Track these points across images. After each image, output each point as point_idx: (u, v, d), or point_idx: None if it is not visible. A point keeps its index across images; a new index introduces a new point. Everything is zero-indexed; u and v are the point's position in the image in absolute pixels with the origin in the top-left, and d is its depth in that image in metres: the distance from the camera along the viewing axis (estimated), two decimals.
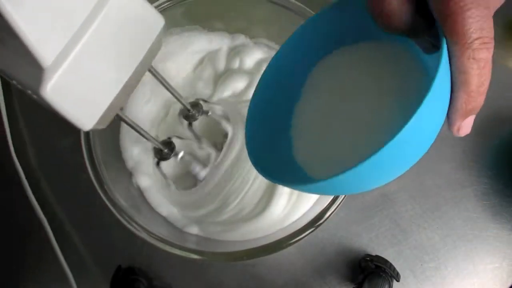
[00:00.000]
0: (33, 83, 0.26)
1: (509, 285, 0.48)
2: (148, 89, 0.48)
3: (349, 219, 0.49)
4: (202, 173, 0.45)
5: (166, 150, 0.42)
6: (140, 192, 0.46)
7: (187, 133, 0.45)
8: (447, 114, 0.27)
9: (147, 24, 0.30)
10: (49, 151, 0.52)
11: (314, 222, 0.39)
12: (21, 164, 0.50)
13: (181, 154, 0.43)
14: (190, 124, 0.45)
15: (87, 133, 0.41)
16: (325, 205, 0.39)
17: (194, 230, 0.45)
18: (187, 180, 0.46)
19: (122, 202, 0.40)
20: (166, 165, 0.44)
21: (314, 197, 0.44)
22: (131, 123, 0.36)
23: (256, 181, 0.44)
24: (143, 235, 0.39)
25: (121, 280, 0.46)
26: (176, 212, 0.46)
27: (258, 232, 0.43)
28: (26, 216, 0.49)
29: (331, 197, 0.39)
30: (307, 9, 0.43)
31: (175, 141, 0.43)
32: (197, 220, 0.45)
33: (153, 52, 0.31)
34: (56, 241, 0.48)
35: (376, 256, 0.47)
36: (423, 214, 0.50)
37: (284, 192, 0.44)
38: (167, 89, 0.39)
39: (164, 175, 0.45)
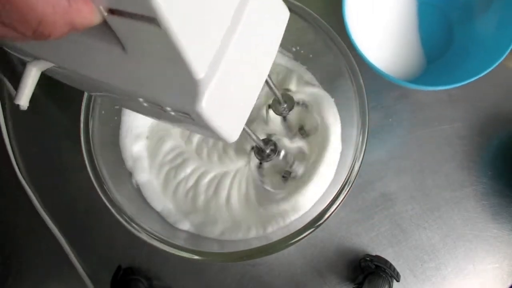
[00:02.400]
0: (182, 100, 0.24)
1: (509, 285, 0.48)
2: None
3: (349, 219, 0.50)
4: (300, 169, 0.46)
5: (268, 151, 0.43)
6: (140, 192, 0.46)
7: (276, 127, 0.46)
8: None
9: (278, 17, 0.28)
10: (49, 152, 0.53)
11: (314, 222, 0.39)
12: (20, 165, 0.50)
13: (283, 153, 0.44)
14: (284, 119, 0.46)
15: (86, 134, 0.41)
16: (325, 205, 0.39)
17: (185, 226, 0.45)
18: (275, 178, 0.47)
19: (122, 202, 0.40)
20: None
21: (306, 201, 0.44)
22: (248, 130, 0.36)
23: None
24: (143, 235, 0.39)
25: (121, 280, 0.46)
26: (172, 207, 0.46)
27: None
28: (27, 216, 0.49)
29: (331, 197, 0.39)
30: (307, 9, 0.43)
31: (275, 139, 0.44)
32: (191, 219, 0.46)
33: None
34: (56, 242, 0.48)
35: (376, 256, 0.47)
36: (423, 214, 0.50)
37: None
38: (267, 83, 0.38)
39: (262, 176, 0.46)
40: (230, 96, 0.25)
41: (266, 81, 0.38)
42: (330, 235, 0.49)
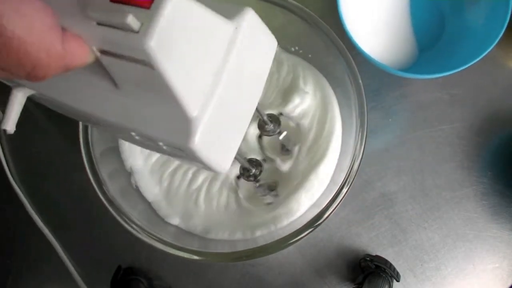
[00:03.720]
0: (176, 136, 0.24)
1: (509, 285, 0.48)
2: None
3: (349, 219, 0.50)
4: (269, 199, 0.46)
5: (254, 171, 0.43)
6: (139, 193, 0.46)
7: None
8: None
9: (266, 48, 0.29)
10: (48, 152, 0.53)
11: (313, 222, 0.39)
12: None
13: (258, 184, 0.44)
14: (280, 135, 0.45)
15: (85, 135, 0.41)
16: (325, 205, 0.39)
17: (174, 221, 0.46)
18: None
19: (121, 203, 0.40)
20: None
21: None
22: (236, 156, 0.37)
23: None
24: (143, 236, 0.39)
25: (121, 280, 0.46)
26: (163, 200, 0.46)
27: None
28: (27, 216, 0.49)
29: (330, 197, 0.39)
30: (305, 9, 0.43)
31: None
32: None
33: None
34: (57, 241, 0.49)
35: (376, 256, 0.47)
36: (423, 214, 0.50)
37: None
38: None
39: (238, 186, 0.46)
40: (221, 131, 0.26)
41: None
42: (330, 235, 0.49)
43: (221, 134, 0.26)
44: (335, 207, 0.39)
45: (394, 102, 0.53)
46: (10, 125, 0.25)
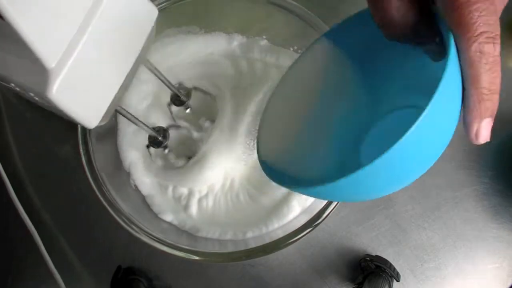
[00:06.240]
0: (38, 86, 0.26)
1: (509, 285, 0.48)
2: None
3: (349, 219, 0.49)
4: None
5: (160, 138, 0.44)
6: (139, 192, 0.46)
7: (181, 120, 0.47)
8: (464, 118, 0.26)
9: (143, 16, 0.30)
10: (48, 152, 0.53)
11: (312, 222, 0.39)
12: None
13: (167, 151, 0.46)
14: (186, 108, 0.47)
15: (84, 135, 0.41)
16: (324, 204, 0.39)
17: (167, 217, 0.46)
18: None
19: (121, 204, 0.40)
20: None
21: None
22: (129, 116, 0.37)
23: None
24: (143, 237, 0.40)
25: (121, 280, 0.46)
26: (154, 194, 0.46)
27: None
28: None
29: None
30: (304, 9, 0.43)
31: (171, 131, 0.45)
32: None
33: (148, 44, 0.32)
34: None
35: (376, 256, 0.47)
36: (423, 214, 0.50)
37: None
38: (159, 78, 0.39)
39: (150, 155, 0.47)
40: (85, 85, 0.27)
41: (157, 76, 0.39)
42: (330, 235, 0.49)
43: (85, 89, 0.28)
44: (334, 207, 0.39)
45: None
46: None
